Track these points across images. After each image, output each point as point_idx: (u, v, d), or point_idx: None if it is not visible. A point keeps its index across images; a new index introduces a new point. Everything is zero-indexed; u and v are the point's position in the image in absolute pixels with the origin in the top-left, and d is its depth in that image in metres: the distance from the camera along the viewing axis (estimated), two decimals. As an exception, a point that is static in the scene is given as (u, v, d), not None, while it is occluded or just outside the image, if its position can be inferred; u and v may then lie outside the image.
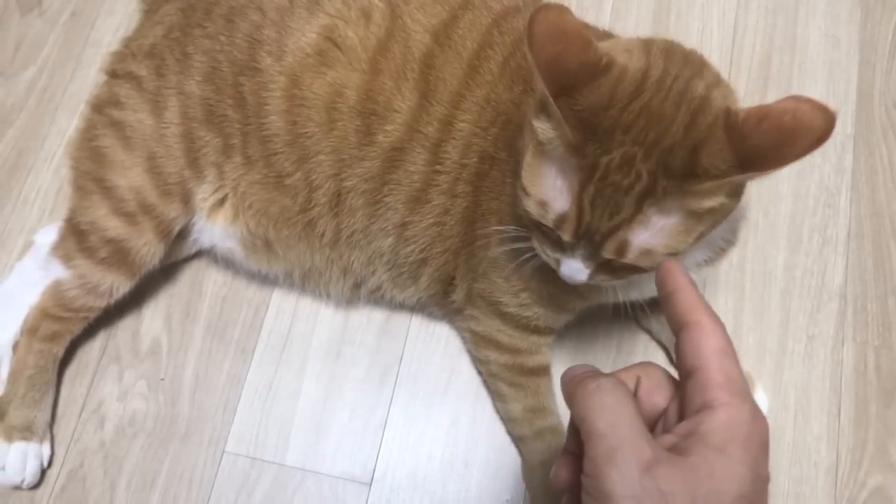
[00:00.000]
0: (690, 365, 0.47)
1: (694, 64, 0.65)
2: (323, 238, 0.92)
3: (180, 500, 0.95)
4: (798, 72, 1.16)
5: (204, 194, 0.92)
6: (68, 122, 1.12)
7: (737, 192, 0.65)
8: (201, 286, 1.04)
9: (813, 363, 1.01)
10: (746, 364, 0.99)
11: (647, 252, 0.64)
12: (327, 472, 0.96)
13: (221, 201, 0.93)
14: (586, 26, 0.86)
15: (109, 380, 1.00)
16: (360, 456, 0.97)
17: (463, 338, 1.00)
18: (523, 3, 0.88)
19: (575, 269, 0.67)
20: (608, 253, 0.65)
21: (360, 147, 0.85)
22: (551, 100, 0.61)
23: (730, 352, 0.47)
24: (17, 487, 0.93)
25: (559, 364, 0.98)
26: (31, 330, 0.93)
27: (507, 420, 0.96)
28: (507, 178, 0.81)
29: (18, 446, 0.91)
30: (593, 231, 0.64)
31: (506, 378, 0.93)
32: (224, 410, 0.98)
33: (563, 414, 0.91)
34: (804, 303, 1.04)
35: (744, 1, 1.20)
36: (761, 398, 0.96)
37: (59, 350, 0.95)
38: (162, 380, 1.00)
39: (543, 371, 0.93)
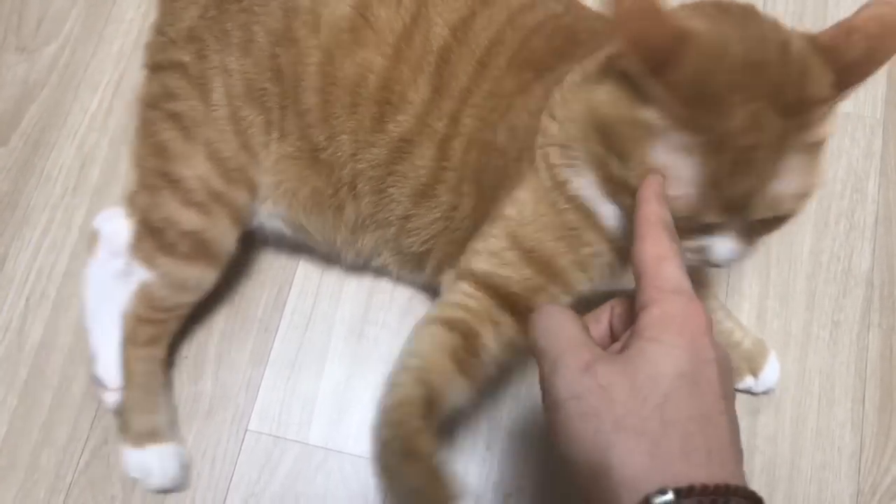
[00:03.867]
0: (635, 274, 0.50)
1: (751, 13, 0.65)
2: (347, 223, 0.92)
3: (203, 478, 0.95)
4: (827, 54, 1.15)
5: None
6: (91, 98, 1.12)
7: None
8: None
9: (838, 349, 1.00)
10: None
11: (798, 196, 0.62)
12: (350, 451, 0.96)
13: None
14: None
15: (133, 357, 1.00)
16: (383, 436, 0.97)
17: None
18: None
19: (729, 248, 0.64)
20: (762, 212, 0.62)
21: (373, 133, 0.85)
22: (651, 81, 0.58)
23: (668, 256, 0.49)
24: (167, 491, 0.94)
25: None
26: (129, 339, 0.92)
27: None
28: (508, 161, 0.79)
29: (153, 450, 0.92)
30: (738, 199, 0.60)
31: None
32: (247, 389, 0.99)
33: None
34: (830, 288, 1.03)
35: (773, -19, 1.19)
36: (773, 365, 0.96)
37: (161, 352, 0.94)
38: (185, 358, 1.00)
39: None
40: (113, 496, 0.94)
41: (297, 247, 1.02)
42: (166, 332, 0.94)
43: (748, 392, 0.97)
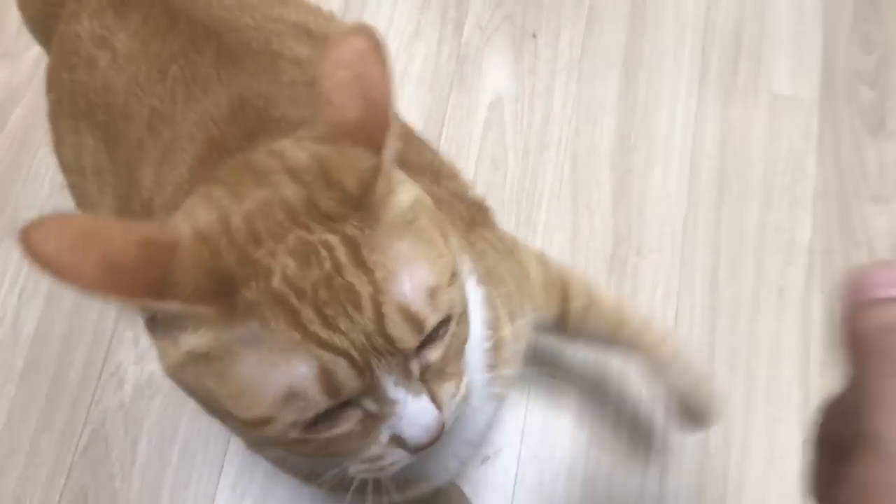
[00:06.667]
0: None
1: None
2: None
3: (198, 456, 1.00)
4: (767, 43, 1.24)
5: None
6: (74, 100, 1.16)
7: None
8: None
9: (784, 313, 1.09)
10: (724, 317, 1.07)
11: (431, 291, 0.48)
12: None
13: None
14: None
15: (126, 344, 1.05)
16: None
17: None
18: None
19: (418, 411, 0.49)
20: (408, 338, 0.47)
21: None
22: (163, 305, 0.44)
23: None
24: None
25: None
26: None
27: None
28: None
29: None
30: (367, 335, 0.45)
31: None
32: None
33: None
34: (776, 258, 1.12)
35: (715, -23, 1.28)
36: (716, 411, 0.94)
37: None
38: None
39: None
40: (112, 475, 0.99)
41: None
42: None
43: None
